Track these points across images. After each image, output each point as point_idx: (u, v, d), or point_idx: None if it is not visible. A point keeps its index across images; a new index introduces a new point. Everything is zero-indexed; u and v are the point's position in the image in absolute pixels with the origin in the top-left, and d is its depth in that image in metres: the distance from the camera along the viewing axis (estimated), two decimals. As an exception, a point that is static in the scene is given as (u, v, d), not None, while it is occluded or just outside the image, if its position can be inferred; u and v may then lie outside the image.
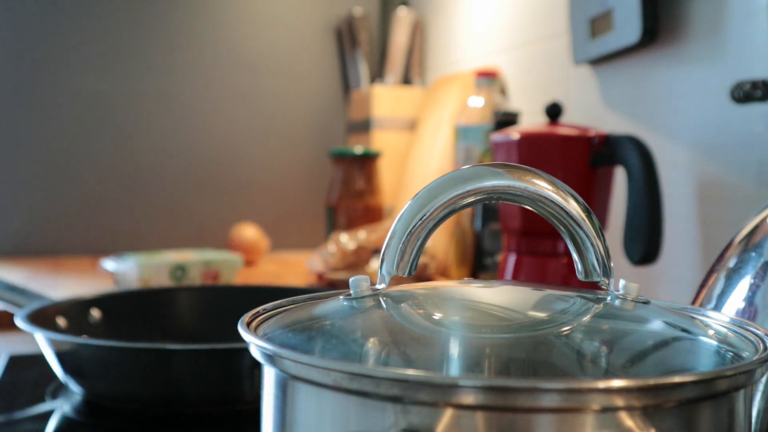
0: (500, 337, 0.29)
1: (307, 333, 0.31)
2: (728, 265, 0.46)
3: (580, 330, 0.30)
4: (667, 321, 0.32)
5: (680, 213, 0.80)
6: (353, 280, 0.34)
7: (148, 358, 0.55)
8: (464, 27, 1.35)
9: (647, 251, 0.71)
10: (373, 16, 1.69)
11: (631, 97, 0.88)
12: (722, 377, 0.26)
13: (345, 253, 1.12)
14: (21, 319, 0.60)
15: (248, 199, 1.60)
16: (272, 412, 0.30)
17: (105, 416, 0.58)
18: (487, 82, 1.10)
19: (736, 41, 0.72)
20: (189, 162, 1.56)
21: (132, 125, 1.52)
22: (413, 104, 1.47)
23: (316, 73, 1.65)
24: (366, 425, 0.26)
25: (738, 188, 0.72)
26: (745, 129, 0.71)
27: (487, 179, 0.33)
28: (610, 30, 0.87)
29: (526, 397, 0.24)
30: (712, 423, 0.27)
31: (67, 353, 0.57)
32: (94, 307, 0.73)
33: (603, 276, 0.34)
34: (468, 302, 0.32)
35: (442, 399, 0.25)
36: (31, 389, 0.65)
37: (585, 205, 0.33)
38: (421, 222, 0.33)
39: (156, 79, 1.53)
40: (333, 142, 1.64)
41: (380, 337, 0.30)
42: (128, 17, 1.50)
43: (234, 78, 1.58)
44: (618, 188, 0.84)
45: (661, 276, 0.83)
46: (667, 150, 0.81)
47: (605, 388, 0.24)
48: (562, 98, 1.00)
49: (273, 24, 1.60)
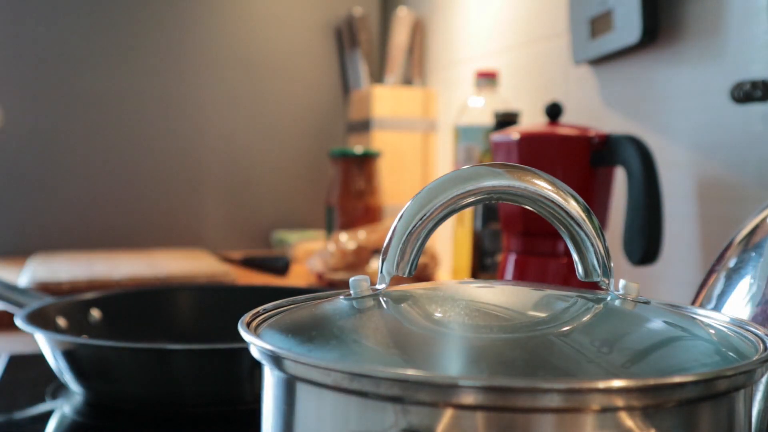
0: (500, 337, 0.29)
1: (307, 333, 0.31)
2: (728, 265, 0.46)
3: (580, 330, 0.30)
4: (667, 321, 0.32)
5: (680, 213, 0.80)
6: (353, 280, 0.34)
7: (148, 358, 0.55)
8: (464, 27, 1.35)
9: (647, 251, 0.71)
10: (373, 16, 1.69)
11: (630, 97, 0.88)
12: (722, 377, 0.26)
13: (345, 253, 1.12)
14: (21, 319, 0.60)
15: (248, 199, 1.60)
16: (272, 412, 0.30)
17: (105, 416, 0.58)
18: (487, 82, 1.10)
19: (735, 41, 0.72)
20: (188, 162, 1.56)
21: (131, 125, 1.52)
22: (413, 104, 1.47)
23: (316, 73, 1.65)
24: (366, 425, 0.26)
25: (738, 188, 0.72)
26: (745, 129, 0.71)
27: (487, 179, 0.33)
28: (610, 30, 0.87)
29: (526, 397, 0.24)
30: (712, 423, 0.27)
31: (67, 353, 0.57)
32: (94, 307, 0.73)
33: (603, 276, 0.34)
34: (468, 302, 0.32)
35: (442, 399, 0.25)
36: (31, 389, 0.65)
37: (585, 205, 0.33)
38: (421, 222, 0.33)
39: (156, 79, 1.53)
40: (333, 142, 1.64)
41: (380, 337, 0.30)
42: (128, 17, 1.50)
43: (234, 78, 1.58)
44: (618, 188, 0.84)
45: (661, 276, 0.83)
46: (667, 150, 0.81)
47: (605, 388, 0.24)
48: (562, 98, 1.00)
49: (273, 24, 1.60)
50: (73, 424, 0.57)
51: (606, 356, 0.28)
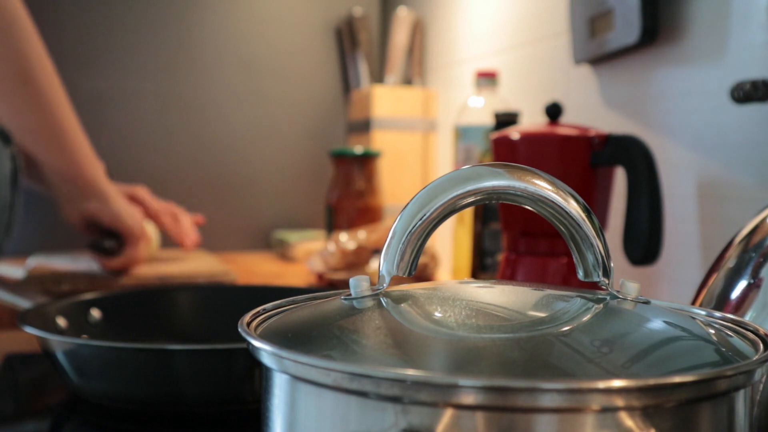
0: (500, 337, 0.29)
1: (307, 333, 0.31)
2: (728, 265, 0.46)
3: (580, 330, 0.30)
4: (667, 321, 0.32)
5: (680, 213, 0.80)
6: (353, 280, 0.34)
7: (148, 358, 0.55)
8: (464, 27, 1.35)
9: (647, 251, 0.71)
10: (373, 16, 1.69)
11: (631, 97, 0.88)
12: (722, 377, 0.26)
13: (345, 253, 1.12)
14: (21, 319, 0.60)
15: (248, 199, 1.60)
16: (272, 412, 0.30)
17: (105, 416, 0.58)
18: (487, 82, 1.10)
19: (736, 41, 0.72)
20: (188, 162, 1.56)
21: (131, 125, 1.52)
22: (413, 104, 1.47)
23: (316, 73, 1.65)
24: (366, 425, 0.26)
25: (738, 188, 0.72)
26: (745, 129, 0.71)
27: (487, 179, 0.33)
28: (610, 30, 0.87)
29: (526, 397, 0.24)
30: (712, 423, 0.27)
31: (67, 353, 0.57)
32: (94, 307, 0.73)
33: (603, 276, 0.34)
34: (468, 302, 0.32)
35: (442, 399, 0.25)
36: (31, 389, 0.65)
37: (585, 205, 0.33)
38: (421, 222, 0.33)
39: (156, 79, 1.53)
40: (333, 142, 1.64)
41: (380, 337, 0.30)
42: (128, 17, 1.50)
43: (234, 78, 1.58)
44: (618, 188, 0.84)
45: (661, 276, 0.83)
46: (667, 150, 0.81)
47: (605, 388, 0.24)
48: (562, 98, 1.00)
49: (273, 24, 1.60)
50: (73, 424, 0.57)
51: (606, 356, 0.28)
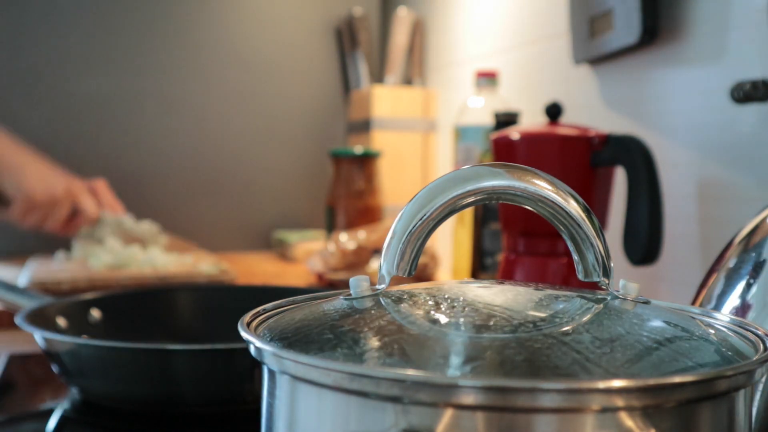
0: (500, 337, 0.29)
1: (307, 333, 0.31)
2: (728, 265, 0.46)
3: (580, 330, 0.30)
4: (667, 321, 0.32)
5: (680, 213, 0.80)
6: (353, 280, 0.34)
7: (148, 358, 0.55)
8: (464, 27, 1.35)
9: (647, 251, 0.71)
10: (373, 16, 1.69)
11: (631, 97, 0.88)
12: (722, 377, 0.26)
13: (345, 253, 1.12)
14: (21, 319, 0.60)
15: (248, 199, 1.60)
16: (272, 412, 0.30)
17: (105, 416, 0.58)
18: (487, 82, 1.10)
19: (736, 41, 0.72)
20: (188, 162, 1.56)
21: (131, 125, 1.52)
22: (413, 104, 1.47)
23: (316, 73, 1.65)
24: (366, 425, 0.26)
25: (738, 188, 0.72)
26: (745, 129, 0.71)
27: (487, 179, 0.33)
28: (610, 30, 0.87)
29: (526, 397, 0.24)
30: (712, 423, 0.27)
31: (67, 353, 0.57)
32: (94, 307, 0.73)
33: (603, 276, 0.34)
34: (468, 302, 0.32)
35: (442, 399, 0.25)
36: (31, 389, 0.65)
37: (585, 205, 0.33)
38: (421, 222, 0.33)
39: (156, 79, 1.53)
40: (333, 142, 1.64)
41: (380, 337, 0.30)
42: (128, 17, 1.50)
43: (234, 78, 1.58)
44: (618, 188, 0.84)
45: (661, 276, 0.83)
46: (667, 150, 0.81)
47: (605, 388, 0.24)
48: (562, 98, 1.00)
49: (273, 24, 1.60)
50: (73, 424, 0.57)
51: (606, 356, 0.28)
